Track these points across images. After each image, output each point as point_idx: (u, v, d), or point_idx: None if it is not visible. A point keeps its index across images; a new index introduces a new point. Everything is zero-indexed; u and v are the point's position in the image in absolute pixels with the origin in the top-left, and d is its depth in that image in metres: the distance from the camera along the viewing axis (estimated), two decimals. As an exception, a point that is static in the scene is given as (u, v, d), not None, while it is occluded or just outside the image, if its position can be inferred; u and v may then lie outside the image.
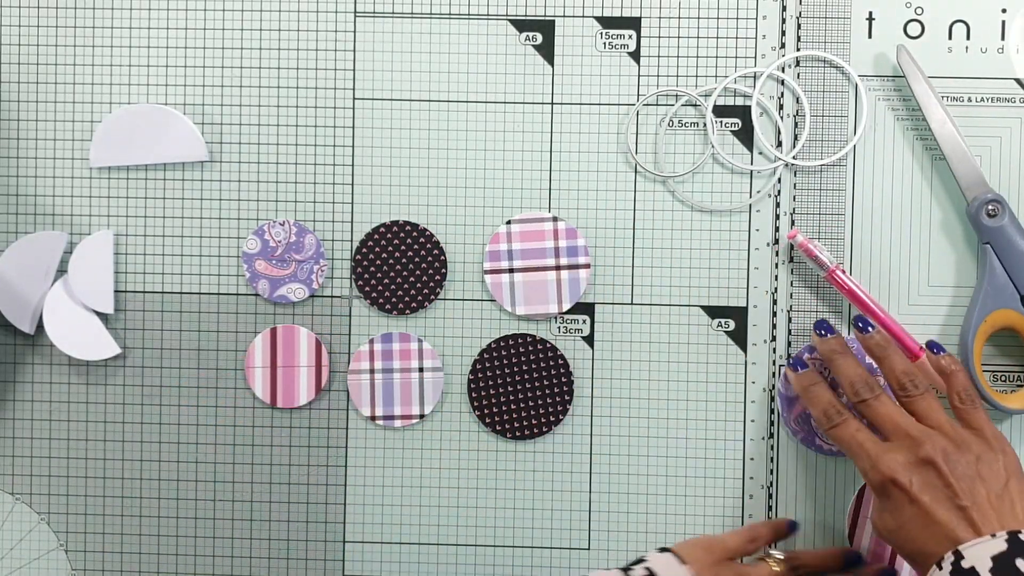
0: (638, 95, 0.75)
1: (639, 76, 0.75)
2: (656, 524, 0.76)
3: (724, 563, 0.67)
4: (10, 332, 0.77)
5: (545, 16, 0.75)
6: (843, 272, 0.72)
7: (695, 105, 0.75)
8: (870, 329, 0.68)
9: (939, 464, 0.62)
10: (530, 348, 0.75)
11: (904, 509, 0.62)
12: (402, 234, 0.75)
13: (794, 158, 0.74)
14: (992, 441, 0.64)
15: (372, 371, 0.76)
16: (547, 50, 0.75)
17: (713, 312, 0.75)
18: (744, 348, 0.75)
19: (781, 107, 0.75)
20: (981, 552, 0.58)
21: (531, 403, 0.75)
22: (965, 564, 0.58)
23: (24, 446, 0.77)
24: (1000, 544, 0.59)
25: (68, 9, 0.76)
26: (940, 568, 0.60)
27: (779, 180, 0.75)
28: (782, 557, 0.70)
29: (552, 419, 0.75)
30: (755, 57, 0.75)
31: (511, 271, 0.75)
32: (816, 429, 0.73)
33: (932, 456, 0.62)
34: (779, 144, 0.75)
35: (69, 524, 0.77)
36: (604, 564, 0.76)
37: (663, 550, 0.67)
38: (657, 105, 0.75)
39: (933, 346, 0.70)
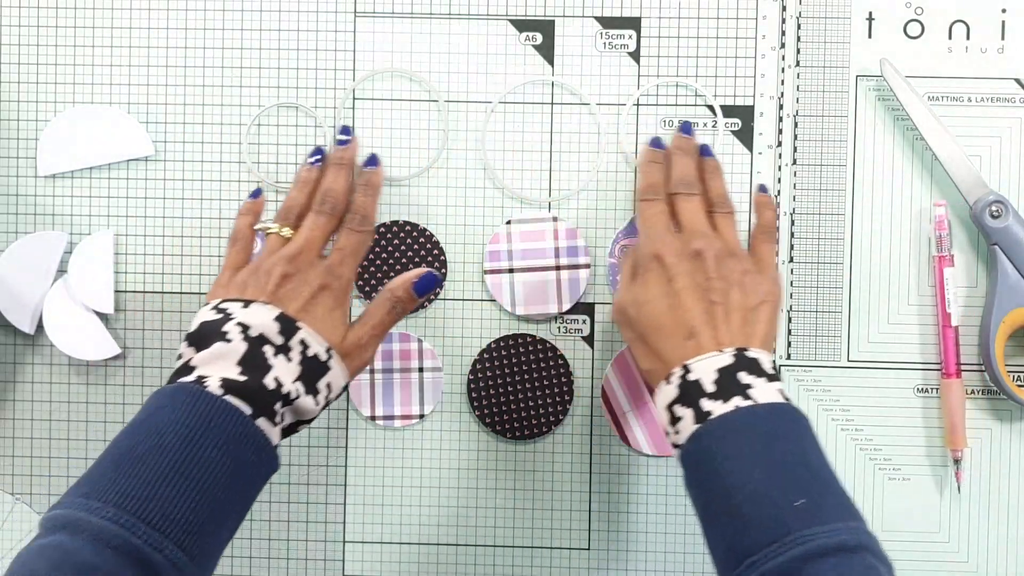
0: (638, 95, 0.75)
1: (639, 76, 0.75)
2: (656, 524, 0.76)
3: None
4: (10, 332, 0.77)
5: (545, 16, 0.75)
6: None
7: (695, 105, 0.75)
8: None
9: (707, 258, 0.63)
10: (530, 348, 0.75)
11: (658, 286, 0.63)
12: (402, 234, 0.75)
13: (795, 158, 0.74)
14: (767, 269, 0.67)
15: (372, 371, 0.75)
16: (547, 50, 0.75)
17: (713, 312, 0.75)
18: (744, 348, 0.75)
19: (781, 107, 0.75)
20: (707, 366, 0.59)
21: (531, 403, 0.75)
22: (691, 377, 0.59)
23: (24, 446, 0.77)
24: (727, 358, 0.59)
25: (68, 9, 0.76)
26: (668, 383, 0.60)
27: (779, 180, 0.75)
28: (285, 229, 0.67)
29: (552, 419, 0.75)
30: (755, 57, 0.75)
31: (511, 271, 0.75)
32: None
33: (704, 249, 0.63)
34: (779, 144, 0.75)
35: (69, 524, 0.77)
36: (604, 564, 0.76)
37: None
38: (657, 105, 0.75)
39: (762, 187, 0.73)
